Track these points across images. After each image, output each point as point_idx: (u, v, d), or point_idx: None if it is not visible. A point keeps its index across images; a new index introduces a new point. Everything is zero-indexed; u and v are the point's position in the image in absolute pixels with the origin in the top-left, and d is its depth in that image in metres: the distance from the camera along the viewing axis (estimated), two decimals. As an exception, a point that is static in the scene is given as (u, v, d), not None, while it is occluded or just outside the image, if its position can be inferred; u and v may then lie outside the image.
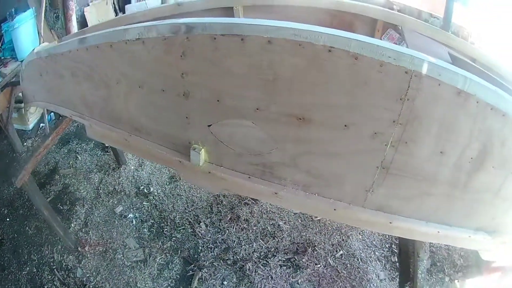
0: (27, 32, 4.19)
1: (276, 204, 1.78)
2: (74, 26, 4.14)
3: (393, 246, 3.12)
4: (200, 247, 3.14)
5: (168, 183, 3.55)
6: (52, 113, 4.52)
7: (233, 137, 1.41)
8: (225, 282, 2.91)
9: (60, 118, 4.63)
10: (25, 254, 3.26)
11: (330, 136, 1.25)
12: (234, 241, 3.22)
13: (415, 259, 1.70)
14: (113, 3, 5.21)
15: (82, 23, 4.63)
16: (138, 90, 1.61)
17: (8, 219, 3.66)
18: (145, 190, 3.48)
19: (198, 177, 1.59)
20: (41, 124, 4.60)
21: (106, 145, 4.11)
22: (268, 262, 3.05)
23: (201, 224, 3.28)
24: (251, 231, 3.32)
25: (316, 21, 2.16)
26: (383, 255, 3.09)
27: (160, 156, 1.71)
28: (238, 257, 3.08)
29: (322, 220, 3.41)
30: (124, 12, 5.02)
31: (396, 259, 2.88)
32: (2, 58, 4.29)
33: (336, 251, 3.27)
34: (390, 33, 2.33)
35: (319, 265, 3.02)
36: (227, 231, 3.26)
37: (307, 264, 3.05)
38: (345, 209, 1.32)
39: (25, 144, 4.49)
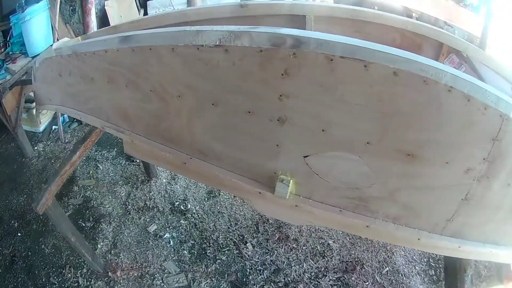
0: (39, 25, 3.52)
1: (364, 236, 1.50)
2: (93, 21, 3.52)
3: (430, 260, 2.95)
4: (248, 270, 2.66)
5: (206, 199, 3.00)
6: (65, 115, 3.85)
7: (332, 170, 1.22)
8: (278, 306, 2.44)
9: (77, 122, 4.01)
10: (42, 276, 2.70)
11: (432, 172, 1.19)
12: (284, 262, 2.77)
13: (462, 275, 1.74)
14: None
15: (102, 18, 3.97)
16: (211, 108, 1.29)
17: (19, 234, 3.06)
18: (182, 207, 2.93)
19: (280, 210, 1.37)
20: (54, 127, 3.93)
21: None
22: (319, 282, 2.70)
23: (247, 244, 2.77)
24: (300, 251, 2.87)
25: (387, 39, 1.89)
26: (422, 269, 2.90)
27: (232, 185, 1.41)
28: (289, 279, 2.66)
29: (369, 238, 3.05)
30: (145, 9, 4.34)
31: (433, 273, 2.81)
32: (10, 53, 3.60)
33: (383, 267, 2.98)
34: (451, 58, 2.10)
35: (367, 283, 2.75)
36: (275, 251, 2.78)
37: (356, 282, 2.75)
38: (427, 238, 1.30)
39: (35, 148, 3.84)
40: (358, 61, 0.98)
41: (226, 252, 2.72)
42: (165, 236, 2.76)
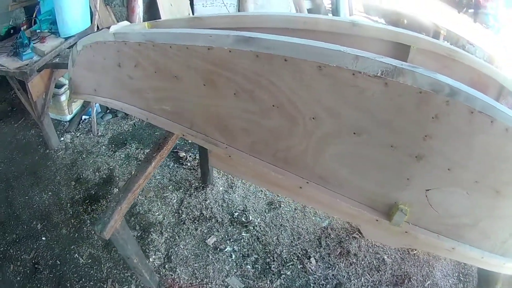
0: (75, 3, 2.84)
1: (447, 256, 1.65)
2: (139, 6, 2.91)
3: (460, 275, 2.83)
4: (312, 284, 2.33)
5: (267, 210, 2.57)
6: (97, 104, 3.20)
7: (443, 202, 1.24)
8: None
9: (111, 114, 3.34)
10: None
11: (509, 204, 1.22)
12: (344, 276, 2.50)
13: (494, 287, 1.74)
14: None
15: (149, 3, 3.29)
16: (351, 136, 1.18)
17: (44, 238, 2.51)
18: (243, 219, 2.48)
19: (388, 235, 1.35)
20: (84, 117, 3.26)
21: (180, 156, 2.93)
22: (374, 295, 2.47)
23: (311, 259, 2.40)
24: (359, 265, 2.59)
25: (467, 78, 1.82)
26: (453, 283, 2.81)
27: (348, 212, 1.33)
28: (349, 293, 2.39)
29: (417, 253, 2.86)
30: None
31: (462, 286, 2.69)
32: (38, 31, 2.88)
33: (425, 281, 2.85)
34: (509, 101, 2.06)
35: (413, 296, 2.58)
36: (337, 266, 2.48)
37: (404, 295, 2.58)
38: (488, 257, 1.33)
39: (62, 139, 3.18)
40: (487, 116, 1.02)
41: (290, 266, 2.35)
42: (226, 250, 2.33)
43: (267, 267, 2.31)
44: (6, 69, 2.86)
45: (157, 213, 2.51)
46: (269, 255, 2.35)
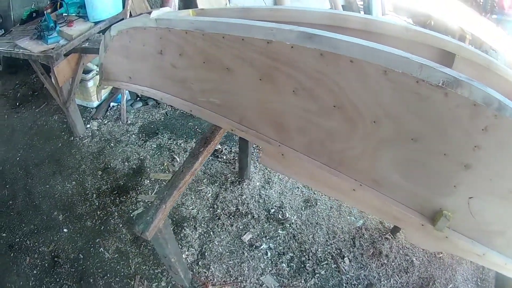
0: (106, -15, 2.59)
1: (475, 261, 1.44)
2: (174, -6, 2.64)
3: (478, 280, 2.78)
4: (344, 284, 2.22)
5: (303, 208, 2.43)
6: (127, 91, 2.99)
7: (481, 209, 1.23)
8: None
9: (142, 102, 3.12)
10: (100, 286, 2.07)
11: None
12: (375, 277, 2.40)
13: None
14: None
15: None
16: (409, 142, 1.16)
17: (65, 230, 2.33)
18: (280, 216, 2.34)
19: (430, 240, 1.34)
20: (112, 104, 3.05)
21: (215, 148, 2.76)
22: (401, 296, 2.41)
23: (345, 258, 2.27)
24: (389, 266, 2.49)
25: (500, 90, 1.73)
26: (472, 287, 2.74)
27: (398, 216, 1.32)
28: (378, 293, 2.32)
29: (442, 257, 2.81)
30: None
31: None
32: (65, 14, 2.65)
33: (448, 284, 2.79)
34: None
35: (435, 298, 2.54)
36: (369, 266, 2.37)
37: (428, 297, 2.53)
38: (511, 264, 1.30)
39: (88, 126, 2.98)
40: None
41: (325, 266, 2.23)
42: (262, 247, 2.20)
43: (302, 266, 2.19)
44: (30, 52, 2.65)
45: (191, 207, 2.36)
46: (304, 254, 2.23)
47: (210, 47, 1.36)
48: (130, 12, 2.72)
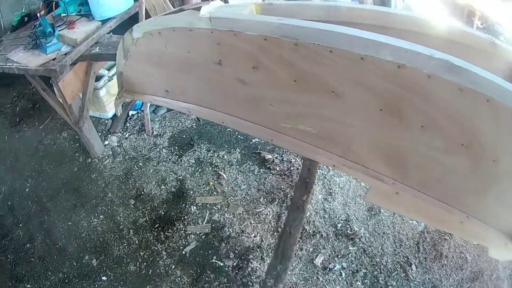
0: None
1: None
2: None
3: None
4: None
5: (368, 217, 2.22)
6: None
7: None
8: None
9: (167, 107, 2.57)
10: None
11: None
12: (437, 279, 2.31)
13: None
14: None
15: None
16: None
17: (104, 278, 2.02)
18: (348, 231, 2.11)
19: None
20: (131, 112, 2.55)
21: (265, 158, 2.40)
22: (461, 295, 2.36)
23: (412, 266, 2.17)
24: (448, 266, 2.44)
25: None
26: (509, 274, 2.75)
27: (488, 237, 1.22)
28: (441, 295, 2.23)
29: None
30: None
31: None
32: (63, 15, 2.08)
33: (492, 274, 2.80)
34: None
35: (484, 289, 2.58)
36: (431, 269, 2.27)
37: (478, 289, 2.59)
38: None
39: (106, 143, 2.50)
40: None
41: (395, 276, 2.10)
42: (335, 268, 1.99)
43: (375, 280, 2.03)
44: (25, 67, 2.07)
45: (253, 234, 2.04)
46: (376, 268, 2.06)
47: (308, 62, 1.10)
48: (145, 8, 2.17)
